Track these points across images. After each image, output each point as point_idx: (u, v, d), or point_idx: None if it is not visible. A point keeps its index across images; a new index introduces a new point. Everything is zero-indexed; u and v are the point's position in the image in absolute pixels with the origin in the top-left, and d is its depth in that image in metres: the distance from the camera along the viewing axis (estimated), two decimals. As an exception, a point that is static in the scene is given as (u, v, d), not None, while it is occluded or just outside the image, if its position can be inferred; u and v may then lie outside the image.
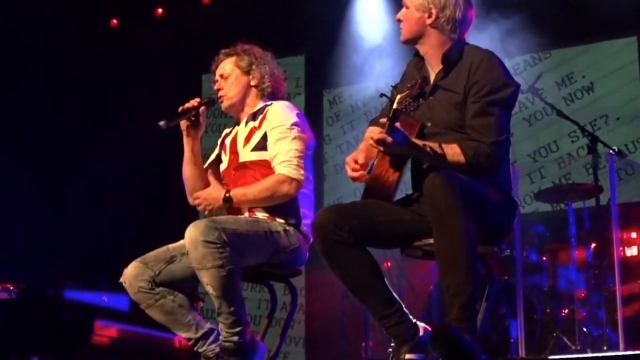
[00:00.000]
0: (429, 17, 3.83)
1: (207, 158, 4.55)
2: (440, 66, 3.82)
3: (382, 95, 3.64)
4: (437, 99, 3.79)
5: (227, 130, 4.57)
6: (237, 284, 3.89)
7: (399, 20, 3.93)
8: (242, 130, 4.38)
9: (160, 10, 9.68)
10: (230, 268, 3.81)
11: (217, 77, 4.47)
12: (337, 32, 8.48)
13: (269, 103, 4.38)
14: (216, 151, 4.55)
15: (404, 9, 3.91)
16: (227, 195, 4.14)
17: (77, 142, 9.02)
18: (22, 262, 7.43)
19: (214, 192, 4.20)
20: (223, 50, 4.50)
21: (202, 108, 4.34)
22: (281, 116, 4.27)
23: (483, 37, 6.65)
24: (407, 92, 3.62)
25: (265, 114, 4.31)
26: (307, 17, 8.56)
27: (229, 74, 4.41)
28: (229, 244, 3.82)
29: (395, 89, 3.76)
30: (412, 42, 3.91)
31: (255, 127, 4.31)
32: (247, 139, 4.32)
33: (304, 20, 8.58)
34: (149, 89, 8.84)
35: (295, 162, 4.16)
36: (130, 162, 8.53)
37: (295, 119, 4.27)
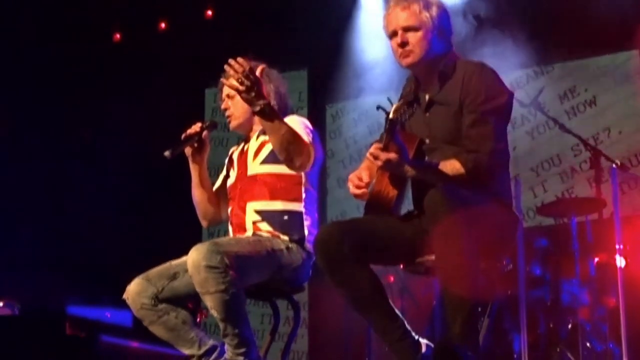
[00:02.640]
0: (442, 33, 3.82)
1: (215, 173, 4.57)
2: (436, 82, 3.82)
3: (378, 107, 3.61)
4: (434, 114, 3.80)
5: (234, 147, 4.57)
6: (241, 306, 3.88)
7: (403, 45, 3.80)
8: (252, 145, 4.38)
9: (163, 25, 9.71)
10: (233, 291, 3.80)
11: (224, 96, 4.47)
12: (339, 46, 8.49)
13: None
14: (224, 172, 4.55)
15: (411, 33, 3.77)
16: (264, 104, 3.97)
17: (81, 156, 9.04)
18: (25, 278, 7.43)
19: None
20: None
21: (205, 133, 4.34)
22: (295, 120, 4.26)
23: (486, 51, 6.67)
24: (401, 100, 3.61)
25: None
26: (310, 31, 8.57)
27: (235, 93, 4.41)
28: (231, 267, 3.81)
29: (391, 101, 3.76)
30: (423, 62, 3.82)
31: (266, 141, 4.30)
32: (257, 152, 4.33)
33: (307, 34, 8.59)
34: (152, 104, 8.85)
35: (308, 140, 4.16)
36: (133, 178, 8.54)
37: (310, 128, 4.29)
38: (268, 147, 4.28)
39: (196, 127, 4.34)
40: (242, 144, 4.49)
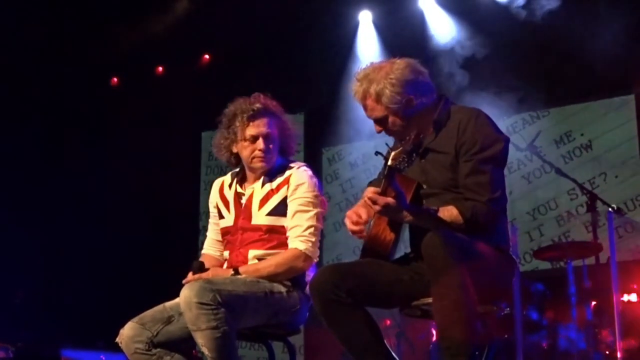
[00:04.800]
0: (410, 103, 3.75)
1: (204, 215, 4.51)
2: (431, 130, 3.82)
3: (377, 153, 3.61)
4: (430, 161, 3.79)
5: (223, 180, 4.49)
6: (232, 344, 3.85)
7: (387, 132, 3.83)
8: (257, 192, 4.29)
9: (160, 69, 9.76)
10: (224, 329, 3.78)
11: (258, 131, 4.27)
12: (336, 90, 8.52)
13: (288, 165, 4.32)
14: (218, 220, 4.46)
15: (384, 121, 3.80)
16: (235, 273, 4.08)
17: (76, 201, 9.03)
18: (20, 322, 7.39)
19: (220, 272, 4.12)
20: (269, 108, 4.37)
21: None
22: (305, 187, 4.20)
23: (482, 95, 6.69)
24: (400, 148, 3.61)
25: (286, 179, 4.24)
26: (307, 75, 8.61)
27: (274, 139, 4.28)
28: (223, 305, 3.79)
29: (390, 147, 3.76)
30: (412, 126, 3.77)
31: (272, 191, 4.24)
32: (263, 202, 4.25)
33: (304, 79, 8.63)
34: (149, 147, 8.86)
35: (313, 240, 4.14)
36: (127, 222, 8.52)
37: (317, 191, 4.23)
38: (275, 199, 4.23)
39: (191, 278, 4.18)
40: (236, 183, 4.41)
